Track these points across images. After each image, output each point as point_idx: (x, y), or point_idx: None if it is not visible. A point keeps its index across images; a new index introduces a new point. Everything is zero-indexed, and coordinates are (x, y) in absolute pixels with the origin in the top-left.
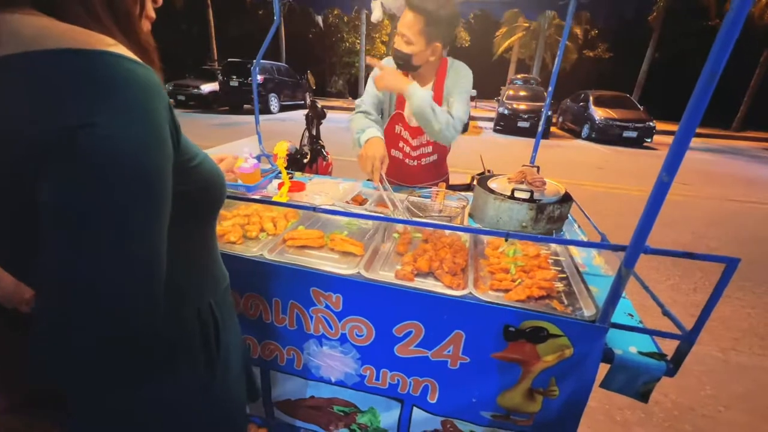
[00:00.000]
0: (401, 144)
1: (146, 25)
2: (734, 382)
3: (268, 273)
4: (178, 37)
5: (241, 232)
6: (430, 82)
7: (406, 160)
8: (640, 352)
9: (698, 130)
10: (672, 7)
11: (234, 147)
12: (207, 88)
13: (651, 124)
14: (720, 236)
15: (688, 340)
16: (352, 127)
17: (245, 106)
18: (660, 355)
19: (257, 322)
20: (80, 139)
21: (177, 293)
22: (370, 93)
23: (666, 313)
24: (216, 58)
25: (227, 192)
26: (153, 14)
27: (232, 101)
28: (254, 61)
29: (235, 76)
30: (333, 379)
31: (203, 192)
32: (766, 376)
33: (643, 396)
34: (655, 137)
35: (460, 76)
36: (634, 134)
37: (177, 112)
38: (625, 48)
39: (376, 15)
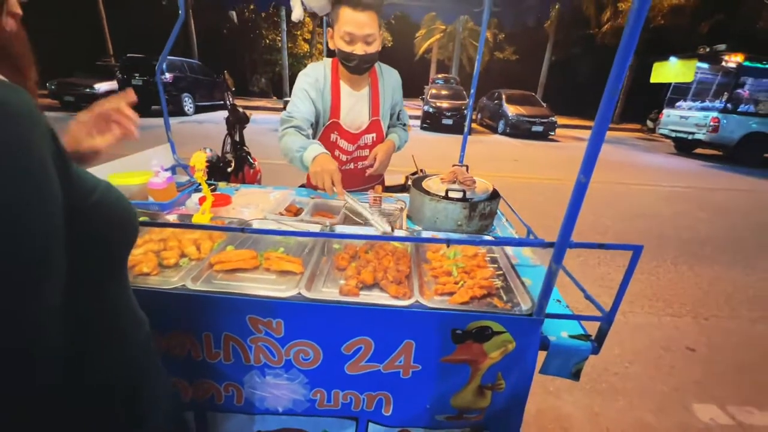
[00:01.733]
0: (336, 152)
1: (9, 24)
2: (634, 341)
3: (193, 306)
4: (60, 28)
5: (156, 260)
6: (365, 86)
7: (344, 167)
8: (570, 336)
9: (587, 123)
10: (562, 17)
11: (141, 159)
12: (102, 87)
13: (553, 119)
14: (614, 215)
15: (607, 320)
16: (289, 145)
17: (153, 107)
18: (586, 336)
19: (186, 360)
20: None
21: (83, 352)
22: (302, 106)
23: (588, 298)
24: (112, 53)
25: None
26: (18, 10)
27: (137, 102)
28: (160, 57)
29: (137, 74)
30: (281, 409)
31: (108, 231)
32: (655, 332)
33: (575, 375)
34: (557, 130)
35: (395, 83)
36: (540, 128)
37: (63, 115)
38: (529, 51)
39: (297, 14)
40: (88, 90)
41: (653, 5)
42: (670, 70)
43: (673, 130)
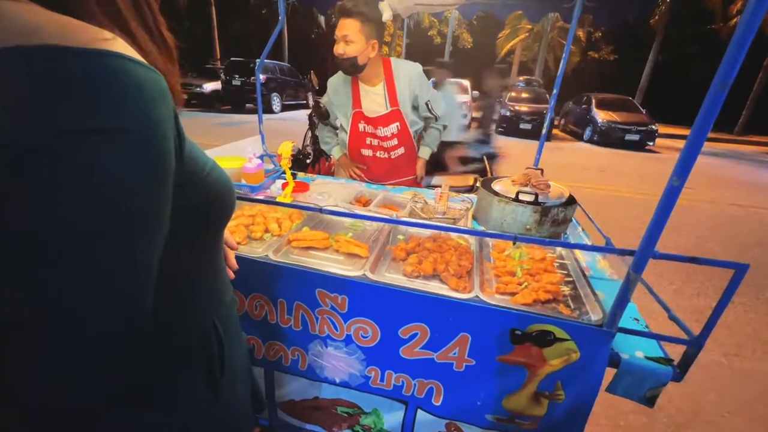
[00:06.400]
0: (368, 140)
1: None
2: (738, 388)
3: (273, 274)
4: (180, 36)
5: (245, 232)
6: (380, 82)
7: (377, 153)
8: (647, 357)
9: None
10: (675, 11)
11: (237, 147)
12: (209, 87)
13: (653, 127)
14: (723, 241)
15: (695, 344)
16: (322, 137)
17: (247, 105)
18: (666, 360)
19: (262, 322)
20: (58, 155)
21: (180, 313)
22: (330, 102)
23: (672, 318)
24: (218, 57)
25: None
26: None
27: (235, 100)
28: (257, 60)
29: (237, 75)
30: (337, 380)
31: (212, 205)
32: None
33: (650, 401)
34: (658, 140)
35: (412, 75)
36: (636, 137)
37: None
38: (629, 50)
39: (386, 15)
40: (197, 89)
41: None
42: None
43: None
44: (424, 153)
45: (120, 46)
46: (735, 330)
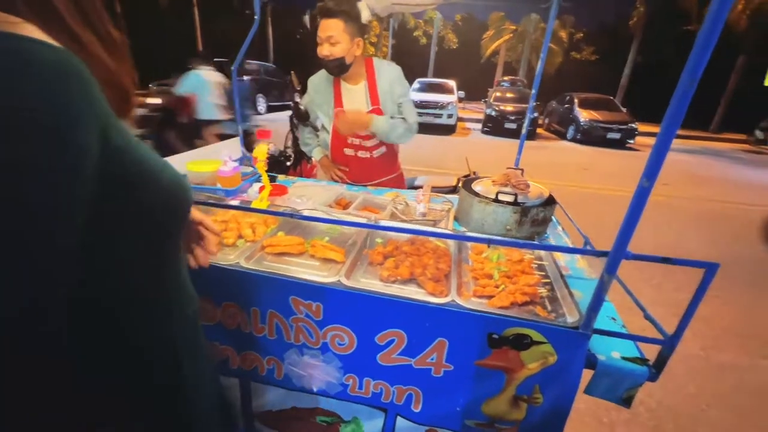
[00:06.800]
0: (350, 140)
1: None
2: (716, 381)
3: (245, 282)
4: (162, 36)
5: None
6: (361, 81)
7: (359, 153)
8: (623, 357)
9: (679, 132)
10: (653, 12)
11: (215, 149)
12: None
13: (633, 126)
14: (702, 237)
15: (669, 344)
16: (303, 138)
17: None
18: (642, 360)
19: (235, 332)
20: None
21: (132, 323)
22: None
23: (648, 318)
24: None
25: (204, 198)
26: None
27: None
28: (236, 60)
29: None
30: (315, 389)
31: (167, 203)
32: (745, 375)
33: (626, 401)
34: (637, 139)
35: (392, 76)
36: (617, 136)
37: None
38: (610, 51)
39: (365, 16)
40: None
41: None
42: None
43: None
44: (382, 118)
45: (26, 29)
46: (712, 323)
